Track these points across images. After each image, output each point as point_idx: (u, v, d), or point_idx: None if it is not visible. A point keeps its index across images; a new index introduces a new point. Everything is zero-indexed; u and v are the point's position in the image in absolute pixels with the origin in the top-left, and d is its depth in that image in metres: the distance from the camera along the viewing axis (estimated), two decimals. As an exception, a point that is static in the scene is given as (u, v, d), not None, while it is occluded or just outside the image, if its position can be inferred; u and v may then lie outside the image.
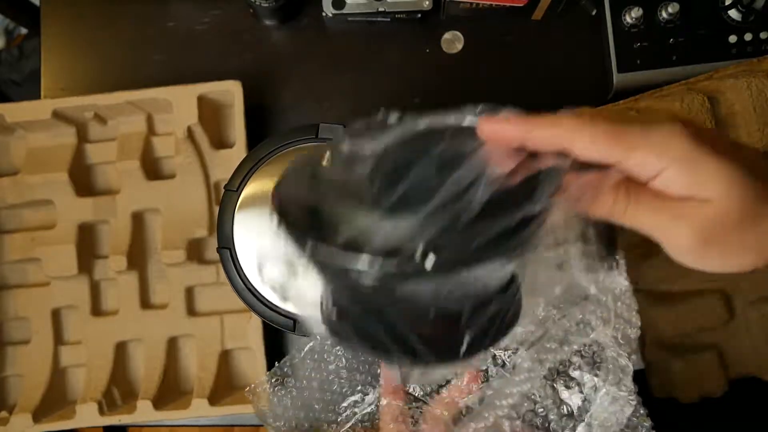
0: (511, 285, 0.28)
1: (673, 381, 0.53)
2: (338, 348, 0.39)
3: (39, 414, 0.54)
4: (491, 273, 0.25)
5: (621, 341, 0.36)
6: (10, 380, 0.59)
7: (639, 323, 0.36)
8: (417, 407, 0.37)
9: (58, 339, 0.58)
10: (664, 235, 0.26)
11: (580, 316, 0.37)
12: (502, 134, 0.26)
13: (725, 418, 0.58)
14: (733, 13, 0.57)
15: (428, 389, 0.39)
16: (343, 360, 0.39)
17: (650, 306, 0.54)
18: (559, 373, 0.37)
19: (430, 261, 0.23)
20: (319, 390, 0.40)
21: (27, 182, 0.57)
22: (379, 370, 0.39)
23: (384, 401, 0.36)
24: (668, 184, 0.25)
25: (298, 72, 0.63)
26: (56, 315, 0.58)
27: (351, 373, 0.39)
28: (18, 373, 0.58)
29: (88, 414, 0.54)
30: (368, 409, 0.39)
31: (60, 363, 0.58)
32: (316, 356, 0.39)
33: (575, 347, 0.37)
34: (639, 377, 0.57)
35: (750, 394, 0.57)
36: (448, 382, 0.39)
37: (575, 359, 0.37)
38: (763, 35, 0.57)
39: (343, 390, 0.40)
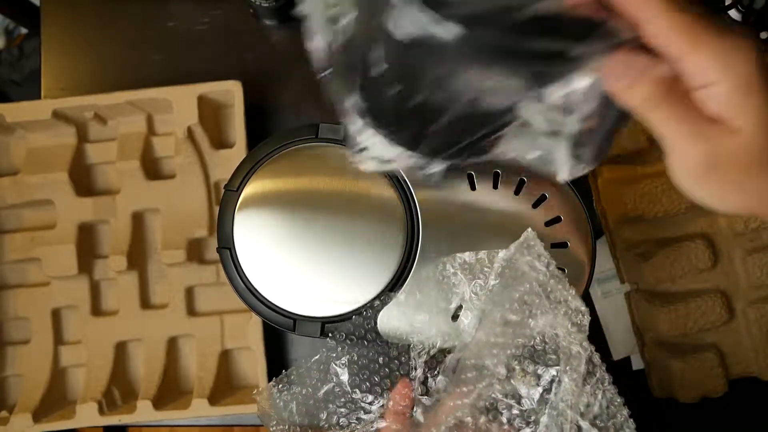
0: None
1: (673, 381, 0.53)
2: (343, 361, 0.39)
3: (39, 414, 0.54)
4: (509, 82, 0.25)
5: (571, 330, 0.36)
6: (10, 380, 0.59)
7: (585, 308, 0.37)
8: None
9: (58, 339, 0.58)
10: (677, 147, 0.25)
11: (528, 307, 0.37)
12: None
13: (725, 418, 0.58)
14: (733, 14, 0.57)
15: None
16: (347, 374, 0.39)
17: (650, 306, 0.54)
18: (514, 369, 0.37)
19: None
20: (323, 400, 0.40)
21: (27, 182, 0.57)
22: (386, 388, 0.39)
23: (384, 423, 0.36)
24: (713, 98, 0.24)
25: (298, 72, 0.63)
26: (56, 315, 0.58)
27: (355, 387, 0.39)
28: (18, 373, 0.58)
29: (88, 414, 0.54)
30: (371, 427, 0.39)
31: (60, 363, 0.58)
32: (322, 367, 0.40)
33: (525, 341, 0.37)
34: (639, 377, 0.58)
35: (750, 394, 0.57)
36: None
37: (528, 352, 0.38)
38: (763, 35, 0.57)
39: (347, 403, 0.40)
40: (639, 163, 0.55)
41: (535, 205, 0.39)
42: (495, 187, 0.39)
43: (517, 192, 0.39)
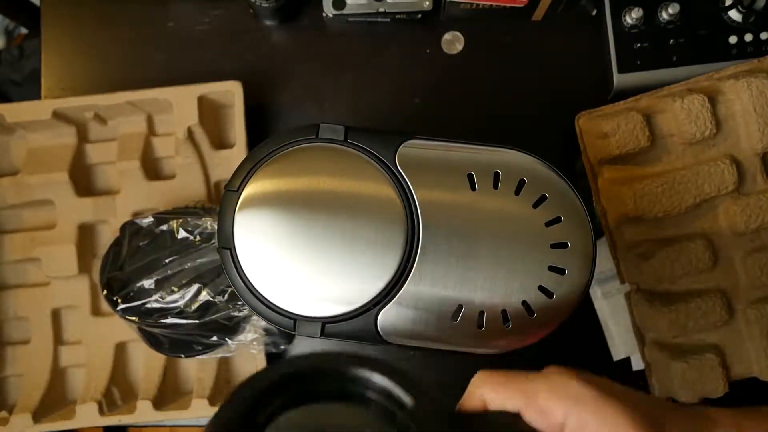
0: None
1: (673, 381, 0.53)
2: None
3: (39, 414, 0.54)
4: None
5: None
6: (10, 380, 0.59)
7: None
8: None
9: (58, 339, 0.58)
10: None
11: None
12: None
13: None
14: (734, 14, 0.57)
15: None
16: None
17: (650, 306, 0.54)
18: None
19: None
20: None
21: (27, 182, 0.57)
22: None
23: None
24: (578, 428, 0.26)
25: (298, 72, 0.63)
26: (56, 315, 0.59)
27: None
28: (18, 373, 0.58)
29: (88, 414, 0.54)
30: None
31: (60, 363, 0.58)
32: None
33: None
34: (639, 377, 0.58)
35: (750, 395, 0.57)
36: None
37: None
38: (763, 36, 0.57)
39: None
40: (639, 163, 0.55)
41: (535, 205, 0.39)
42: (495, 187, 0.39)
43: (517, 192, 0.39)
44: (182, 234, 0.51)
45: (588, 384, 0.27)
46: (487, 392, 0.29)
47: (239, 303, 0.50)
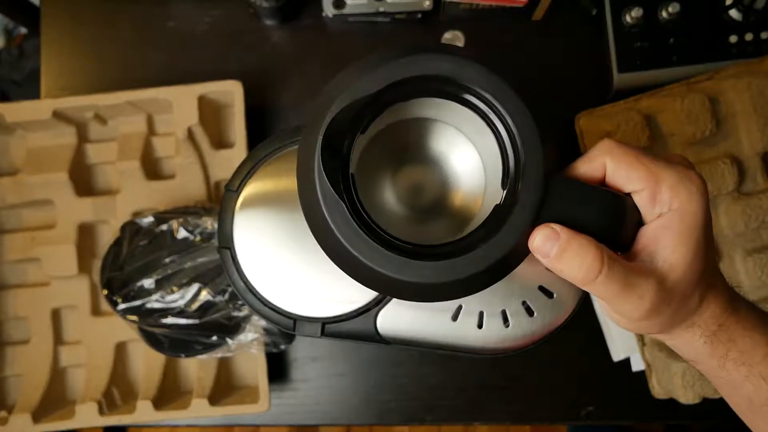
0: None
1: (673, 381, 0.53)
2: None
3: (39, 414, 0.54)
4: None
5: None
6: (9, 380, 0.59)
7: None
8: None
9: (58, 339, 0.58)
10: (620, 308, 0.28)
11: None
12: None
13: (725, 419, 0.58)
14: (734, 13, 0.57)
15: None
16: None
17: (650, 306, 0.54)
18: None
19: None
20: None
21: (27, 182, 0.57)
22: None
23: None
24: (668, 226, 0.27)
25: (298, 72, 0.63)
26: (56, 315, 0.58)
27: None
28: (18, 373, 0.58)
29: (88, 414, 0.54)
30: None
31: (60, 363, 0.58)
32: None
33: None
34: (639, 378, 0.58)
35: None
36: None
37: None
38: (763, 35, 0.57)
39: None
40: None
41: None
42: (495, 187, 0.39)
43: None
44: (182, 234, 0.51)
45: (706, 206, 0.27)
46: (612, 162, 0.27)
47: (239, 303, 0.50)
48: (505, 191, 0.27)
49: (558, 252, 0.26)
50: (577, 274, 0.27)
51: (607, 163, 0.28)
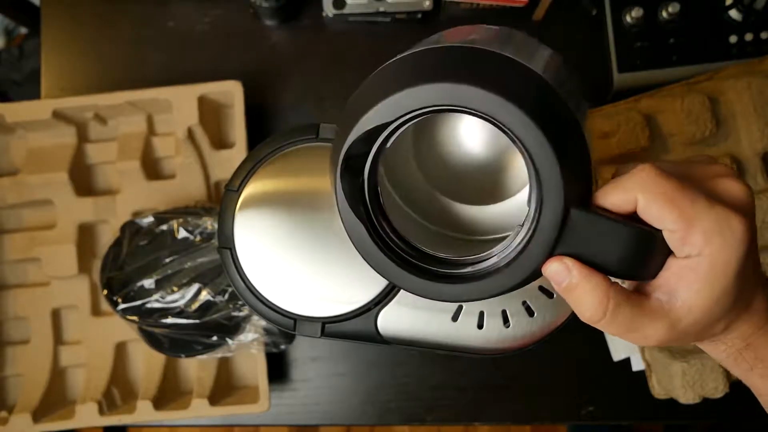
0: None
1: (673, 381, 0.53)
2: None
3: (39, 414, 0.54)
4: None
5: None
6: (10, 380, 0.59)
7: None
8: None
9: (58, 339, 0.58)
10: (629, 341, 0.27)
11: None
12: None
13: (725, 419, 0.58)
14: (734, 14, 0.57)
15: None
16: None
17: (650, 306, 0.54)
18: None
19: None
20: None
21: (27, 182, 0.57)
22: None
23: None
24: (695, 268, 0.25)
25: (298, 72, 0.63)
26: (56, 315, 0.58)
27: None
28: (18, 373, 0.58)
29: (88, 414, 0.54)
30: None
31: (60, 363, 0.58)
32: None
33: None
34: (639, 378, 0.58)
35: (750, 395, 0.57)
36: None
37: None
38: (763, 35, 0.57)
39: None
40: (639, 163, 0.55)
41: (535, 205, 0.39)
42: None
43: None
44: (182, 234, 0.51)
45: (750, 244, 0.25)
46: (644, 199, 0.26)
47: (239, 303, 0.50)
48: (530, 209, 0.27)
49: (566, 288, 0.26)
50: (582, 313, 0.27)
51: (638, 199, 0.26)
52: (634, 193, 0.27)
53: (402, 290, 0.38)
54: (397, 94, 0.26)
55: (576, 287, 0.26)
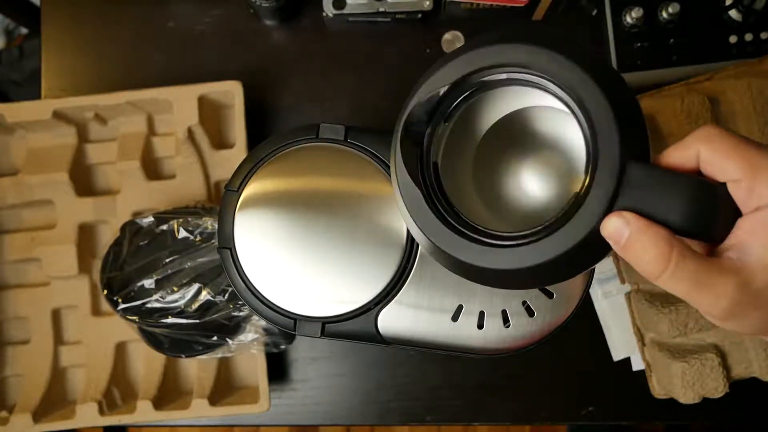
0: None
1: (673, 381, 0.53)
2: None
3: (39, 414, 0.54)
4: None
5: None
6: (10, 380, 0.59)
7: None
8: None
9: (58, 339, 0.58)
10: (697, 305, 0.26)
11: None
12: None
13: (725, 419, 0.58)
14: (734, 14, 0.57)
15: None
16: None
17: (650, 306, 0.54)
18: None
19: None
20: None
21: (27, 182, 0.57)
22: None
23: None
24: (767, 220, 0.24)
25: (298, 72, 0.63)
26: (56, 315, 0.58)
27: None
28: (18, 373, 0.58)
29: (88, 414, 0.54)
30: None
31: (60, 363, 0.58)
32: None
33: None
34: (639, 377, 0.58)
35: (750, 396, 0.57)
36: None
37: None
38: (763, 35, 0.57)
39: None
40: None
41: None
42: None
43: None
44: (182, 234, 0.51)
45: None
46: (706, 150, 0.25)
47: (239, 303, 0.50)
48: (586, 177, 0.26)
49: (625, 244, 0.25)
50: (644, 269, 0.25)
51: (700, 152, 0.25)
52: (696, 147, 0.25)
53: (402, 290, 0.38)
54: (466, 53, 0.27)
55: (636, 241, 0.24)
